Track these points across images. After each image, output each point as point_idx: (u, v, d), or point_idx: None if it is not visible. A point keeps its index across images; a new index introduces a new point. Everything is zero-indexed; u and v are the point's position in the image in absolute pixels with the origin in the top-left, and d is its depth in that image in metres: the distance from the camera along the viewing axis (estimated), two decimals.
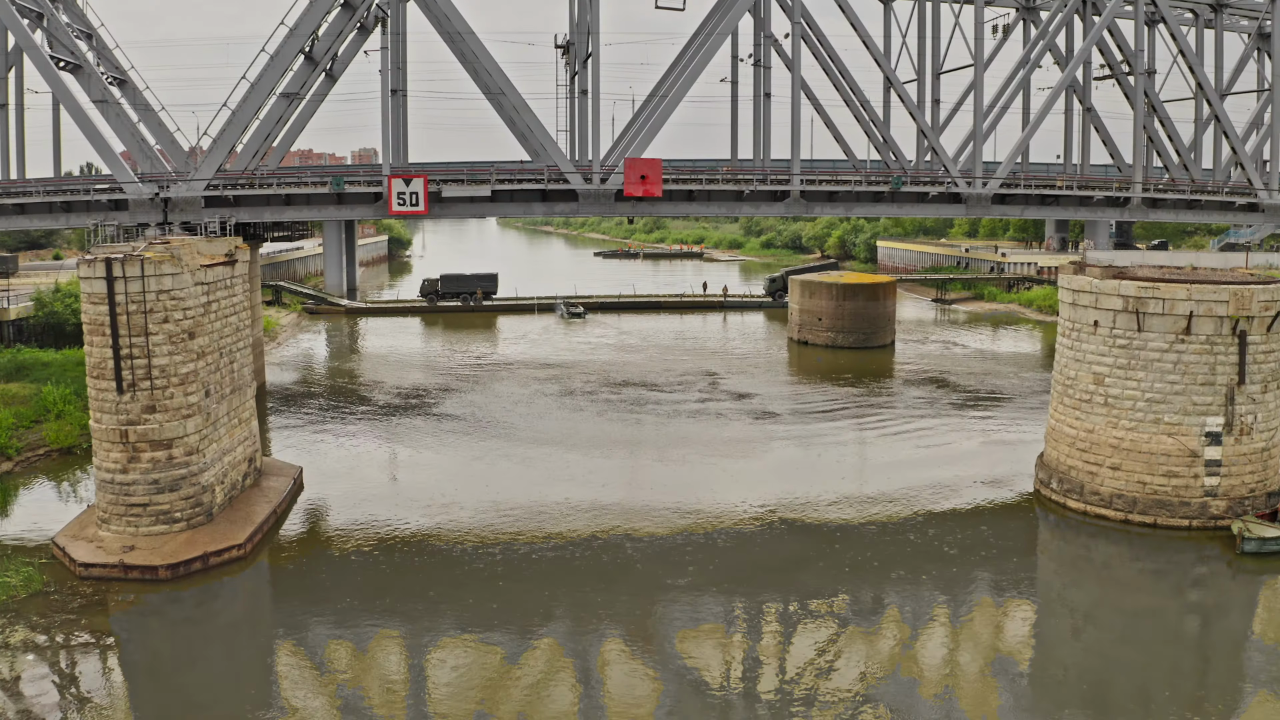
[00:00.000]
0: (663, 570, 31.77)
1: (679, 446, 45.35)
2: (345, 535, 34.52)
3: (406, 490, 39.57)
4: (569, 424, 49.64)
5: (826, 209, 50.61)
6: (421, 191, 45.79)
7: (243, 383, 36.43)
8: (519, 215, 47.87)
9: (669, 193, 48.49)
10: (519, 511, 36.68)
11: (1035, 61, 60.99)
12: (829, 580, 31.42)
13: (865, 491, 39.37)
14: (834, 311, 72.21)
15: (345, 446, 46.08)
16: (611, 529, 35.00)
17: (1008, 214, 54.00)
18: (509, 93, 48.18)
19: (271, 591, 31.00)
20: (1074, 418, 36.71)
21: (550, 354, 70.74)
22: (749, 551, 33.37)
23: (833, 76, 56.11)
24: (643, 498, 38.25)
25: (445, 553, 32.93)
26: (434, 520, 35.68)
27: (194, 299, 32.15)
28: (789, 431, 48.56)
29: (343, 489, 39.44)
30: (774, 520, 36.12)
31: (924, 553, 33.63)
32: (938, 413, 52.58)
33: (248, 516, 33.64)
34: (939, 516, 36.84)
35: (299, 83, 52.58)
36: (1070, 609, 30.11)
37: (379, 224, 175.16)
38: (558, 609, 29.14)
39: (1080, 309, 36.41)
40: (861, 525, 35.81)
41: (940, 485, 40.15)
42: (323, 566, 31.83)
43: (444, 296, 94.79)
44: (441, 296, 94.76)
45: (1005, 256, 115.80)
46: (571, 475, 41.12)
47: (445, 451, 45.24)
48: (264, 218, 48.63)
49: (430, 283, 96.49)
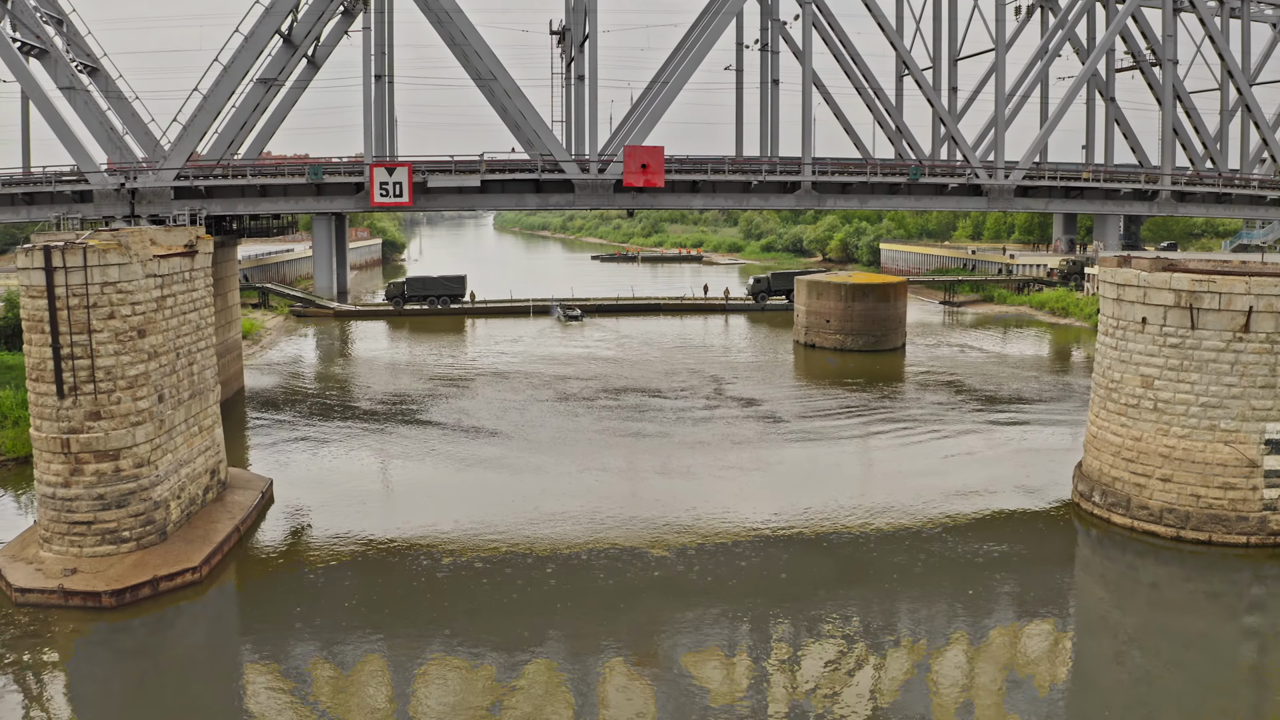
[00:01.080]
0: (665, 588, 28.54)
1: (683, 456, 42.04)
2: (318, 553, 31.19)
3: (388, 503, 36.24)
4: (565, 432, 46.33)
5: (840, 201, 47.40)
6: (405, 182, 42.55)
7: (204, 386, 33.10)
8: (511, 208, 44.65)
9: (671, 184, 45.28)
10: (510, 526, 33.38)
11: (1055, 51, 57.93)
12: (845, 598, 28.22)
13: (883, 502, 36.08)
14: (843, 313, 68.93)
15: (323, 456, 42.74)
16: (610, 544, 31.71)
17: (1031, 207, 50.84)
18: (500, 76, 44.97)
19: (233, 618, 27.66)
20: (1119, 424, 33.44)
21: (546, 358, 67.44)
22: (759, 567, 30.07)
23: (843, 63, 52.92)
24: (644, 511, 34.94)
25: (429, 571, 29.62)
26: (417, 536, 32.38)
27: (145, 293, 28.83)
28: (801, 440, 45.27)
29: (317, 502, 36.10)
30: (786, 534, 32.82)
31: (949, 569, 30.49)
32: (957, 419, 49.31)
33: (206, 535, 30.28)
34: (965, 530, 33.59)
35: (277, 68, 49.24)
36: (1113, 632, 27.06)
37: (373, 227, 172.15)
38: (552, 628, 26.40)
39: (1126, 305, 33.17)
40: (879, 538, 32.52)
41: (966, 497, 36.91)
42: (290, 589, 28.50)
43: (410, 300, 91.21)
44: (408, 300, 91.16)
45: (1013, 258, 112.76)
46: (567, 487, 37.82)
47: (431, 462, 41.91)
48: (237, 210, 45.37)
49: (396, 286, 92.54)
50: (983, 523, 34.53)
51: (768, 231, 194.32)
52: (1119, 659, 25.22)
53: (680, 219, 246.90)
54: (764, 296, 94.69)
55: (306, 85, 52.82)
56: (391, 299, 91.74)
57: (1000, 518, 35.11)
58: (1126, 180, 53.90)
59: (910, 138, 51.55)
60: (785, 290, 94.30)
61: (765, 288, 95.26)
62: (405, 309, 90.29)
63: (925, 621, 27.40)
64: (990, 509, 35.83)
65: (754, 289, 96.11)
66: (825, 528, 33.66)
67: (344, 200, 44.56)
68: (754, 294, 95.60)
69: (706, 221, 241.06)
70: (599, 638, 26.15)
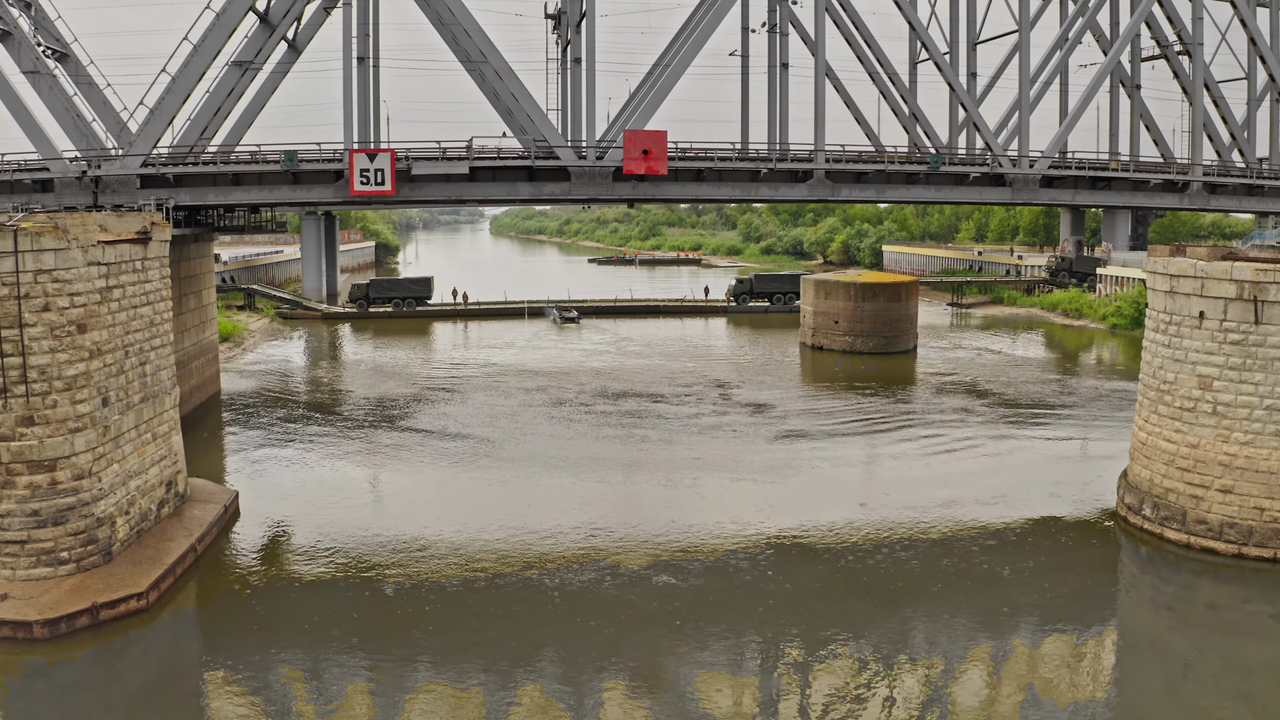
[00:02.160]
0: (670, 605, 25.35)
1: (688, 466, 38.78)
2: (286, 573, 27.93)
3: (367, 517, 32.92)
4: (560, 440, 43.07)
5: (855, 191, 44.24)
6: (388, 169, 39.35)
7: (159, 389, 29.82)
8: (502, 197, 41.52)
9: (675, 172, 42.11)
10: (500, 542, 30.12)
11: (1076, 39, 54.89)
12: (866, 617, 25.07)
13: (906, 513, 32.82)
14: (852, 314, 65.76)
15: (298, 465, 39.44)
16: (610, 560, 28.46)
17: (1057, 199, 47.75)
18: (491, 57, 41.80)
19: (186, 649, 24.30)
20: (1172, 430, 30.25)
21: (540, 361, 64.20)
22: (772, 582, 26.83)
23: (855, 47, 49.86)
24: (647, 525, 31.70)
25: (412, 590, 26.36)
26: (399, 552, 29.11)
27: (86, 282, 25.58)
28: (816, 447, 42.05)
29: (289, 516, 32.82)
30: (802, 547, 29.58)
31: (979, 585, 27.44)
32: (980, 424, 46.12)
33: (158, 555, 26.99)
34: (996, 543, 30.43)
35: (254, 50, 46.02)
36: (1165, 659, 24.00)
37: (366, 229, 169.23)
38: (547, 650, 23.59)
39: (1180, 298, 30.02)
40: (902, 551, 29.28)
41: (995, 507, 33.74)
42: (254, 614, 25.21)
43: (375, 302, 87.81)
44: (372, 302, 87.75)
45: (1021, 260, 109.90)
46: (562, 500, 34.57)
47: (414, 472, 38.62)
48: (208, 200, 42.13)
49: (360, 288, 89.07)
50: (1015, 535, 31.35)
51: (767, 234, 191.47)
52: (1172, 689, 22.34)
53: (678, 222, 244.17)
54: (745, 299, 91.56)
55: (287, 71, 49.63)
56: (355, 301, 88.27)
57: (1035, 530, 31.93)
58: (1158, 170, 50.86)
59: (927, 125, 48.40)
60: (769, 293, 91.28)
61: (747, 290, 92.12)
62: (370, 311, 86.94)
63: (952, 642, 24.36)
64: (1023, 521, 32.65)
65: (735, 291, 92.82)
66: (844, 540, 30.42)
67: (322, 189, 41.34)
68: (735, 296, 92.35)
69: (705, 225, 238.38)
70: (598, 659, 23.28)
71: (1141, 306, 79.96)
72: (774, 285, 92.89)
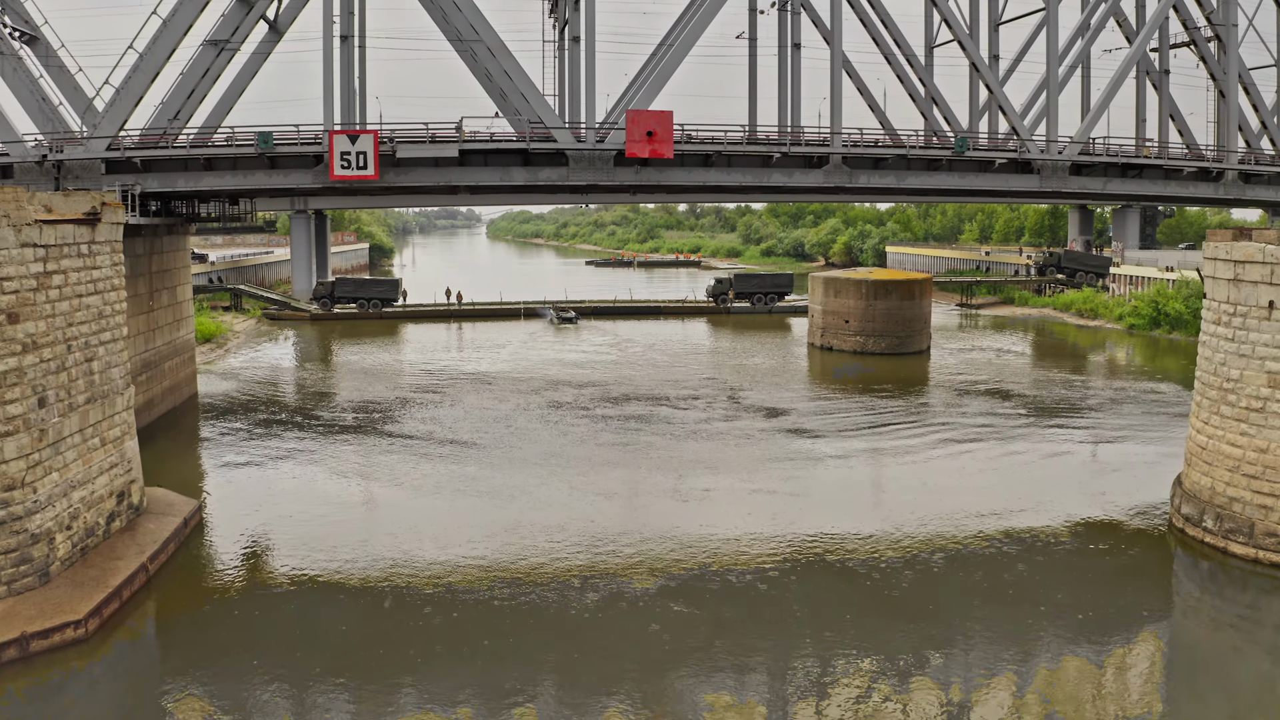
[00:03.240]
0: (675, 628, 22.29)
1: (699, 474, 35.67)
2: (251, 594, 24.83)
3: (345, 531, 29.73)
4: (557, 447, 39.99)
5: (874, 178, 41.20)
6: (371, 152, 36.32)
7: (109, 389, 26.73)
8: (494, 183, 38.43)
9: (682, 156, 39.08)
10: (490, 558, 27.05)
11: (1099, 26, 51.93)
12: (889, 636, 22.03)
13: (935, 524, 29.79)
14: (863, 312, 62.74)
15: (275, 473, 36.33)
16: (613, 577, 25.39)
17: (1087, 188, 44.76)
18: (484, 33, 38.72)
19: (130, 686, 21.21)
20: (1238, 432, 27.23)
21: (536, 364, 61.11)
22: (792, 600, 23.76)
23: (870, 28, 46.84)
24: (652, 539, 28.61)
25: (394, 612, 23.30)
26: (379, 571, 26.02)
27: (19, 266, 22.49)
28: (835, 453, 39.01)
29: (259, 530, 29.72)
30: (825, 563, 26.52)
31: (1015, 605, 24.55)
32: (1008, 428, 43.12)
33: (103, 576, 23.88)
34: (1033, 558, 27.48)
35: (230, 28, 42.97)
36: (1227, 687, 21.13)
37: (360, 231, 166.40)
38: (544, 674, 20.97)
39: (1246, 286, 27.00)
40: (932, 566, 26.25)
41: (1031, 517, 30.70)
42: (211, 643, 22.05)
43: (339, 301, 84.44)
44: (336, 301, 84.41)
45: (1030, 260, 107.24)
46: (559, 513, 31.47)
47: (398, 482, 35.50)
48: (177, 186, 39.05)
49: (325, 285, 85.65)
50: (1053, 548, 28.33)
51: (767, 236, 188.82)
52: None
53: (676, 225, 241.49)
54: (725, 299, 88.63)
55: (269, 54, 46.55)
56: (319, 299, 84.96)
57: (1075, 542, 28.93)
58: (1191, 158, 47.91)
59: (946, 108, 45.37)
60: (749, 293, 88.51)
61: (726, 289, 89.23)
62: (334, 311, 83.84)
63: (985, 664, 21.55)
64: (1062, 531, 29.62)
65: (714, 291, 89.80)
66: (869, 553, 27.35)
67: (300, 175, 38.26)
68: (714, 296, 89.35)
69: (703, 227, 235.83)
70: (599, 682, 20.56)
71: (1160, 306, 77.29)
72: (753, 285, 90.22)
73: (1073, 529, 30.13)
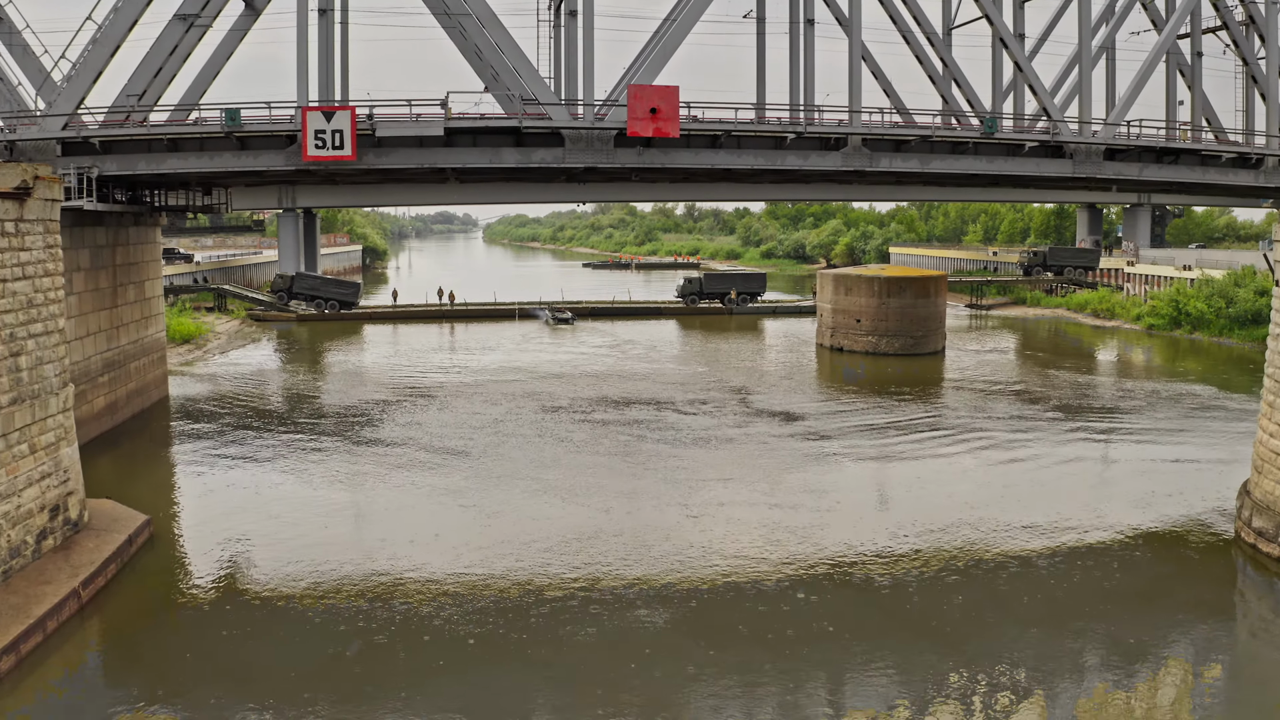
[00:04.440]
0: (684, 653, 19.02)
1: (711, 485, 32.40)
2: (200, 624, 21.55)
3: (316, 548, 26.41)
4: (552, 456, 36.73)
5: (896, 161, 38.04)
6: (348, 130, 33.07)
7: (42, 389, 23.44)
8: (483, 164, 35.21)
9: (688, 137, 35.89)
10: (476, 583, 23.80)
11: (1125, 11, 48.87)
12: (917, 664, 18.71)
13: (975, 534, 26.57)
14: (876, 311, 59.59)
15: (243, 484, 33.02)
16: (613, 606, 22.14)
17: (1122, 173, 41.60)
18: (473, 4, 35.54)
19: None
20: None
21: (531, 365, 57.84)
22: (822, 620, 20.55)
23: (887, 4, 43.69)
24: (658, 561, 25.39)
25: (369, 633, 20.01)
26: (353, 594, 22.76)
27: None
28: (859, 462, 35.81)
29: (217, 547, 26.42)
30: (852, 584, 23.31)
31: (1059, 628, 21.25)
32: (1042, 432, 39.97)
33: (25, 604, 20.59)
34: (1082, 575, 24.32)
35: (200, 2, 39.81)
36: None
37: (353, 233, 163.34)
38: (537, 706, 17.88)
39: None
40: (968, 586, 23.03)
41: (1077, 530, 27.51)
42: (146, 683, 18.78)
43: (296, 297, 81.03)
44: (294, 297, 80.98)
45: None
46: (553, 530, 28.22)
47: (378, 494, 32.22)
48: (138, 169, 35.77)
49: (283, 279, 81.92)
50: (1102, 565, 25.16)
51: (767, 238, 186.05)
52: None
53: (674, 227, 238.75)
54: (695, 299, 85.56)
55: (245, 32, 43.34)
56: (276, 293, 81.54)
57: (1128, 558, 25.80)
58: (1227, 143, 44.83)
59: (969, 90, 42.11)
60: (720, 293, 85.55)
61: (697, 290, 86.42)
62: (289, 307, 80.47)
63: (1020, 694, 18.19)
64: (1111, 547, 26.45)
65: (684, 291, 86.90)
66: (902, 572, 24.13)
67: (272, 156, 35.00)
68: (684, 296, 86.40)
69: (702, 229, 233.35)
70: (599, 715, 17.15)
71: (1181, 306, 74.29)
72: (724, 285, 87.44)
73: (1123, 543, 26.98)
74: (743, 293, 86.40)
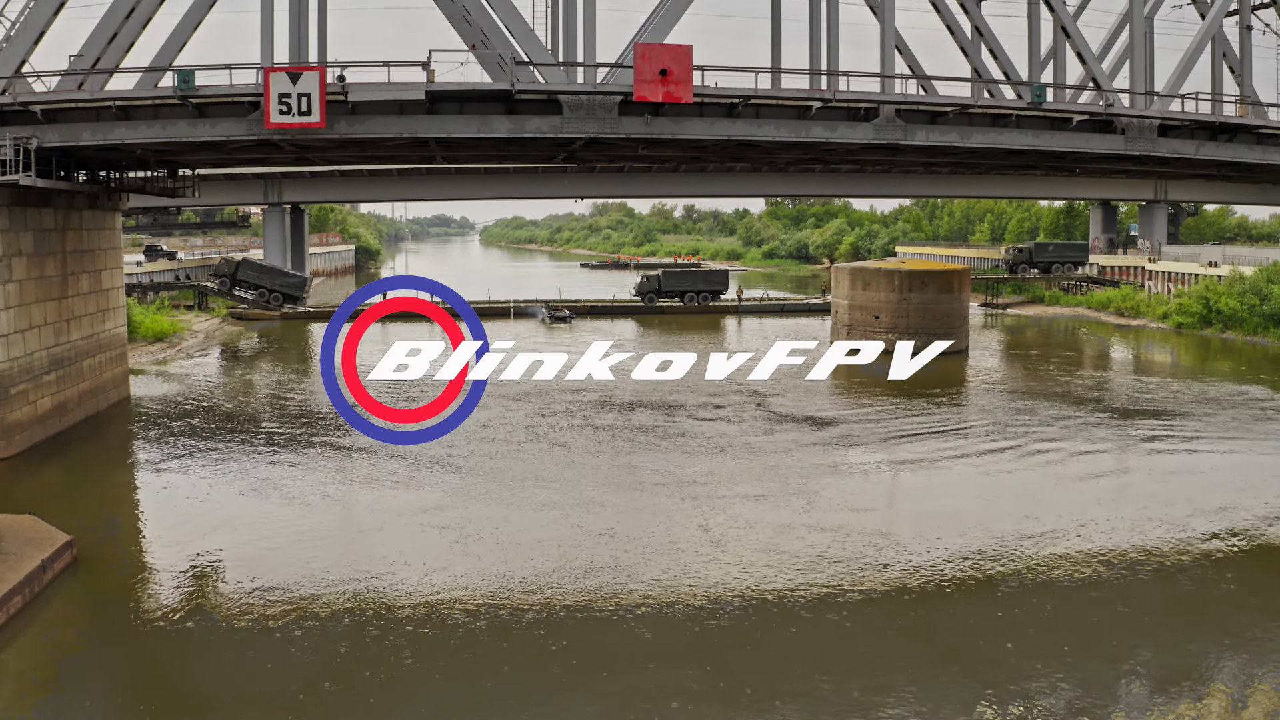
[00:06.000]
0: (692, 683, 15.09)
1: (733, 502, 28.30)
2: (120, 663, 17.51)
3: (269, 574, 22.29)
4: (548, 466, 32.55)
5: (934, 134, 34.14)
6: (316, 93, 29.08)
7: None
8: (470, 133, 31.22)
9: (701, 105, 31.98)
10: (455, 621, 19.77)
11: None
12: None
13: (1030, 554, 22.57)
14: (896, 307, 55.59)
15: (199, 496, 28.89)
16: (625, 664, 18.13)
17: (1177, 151, 37.75)
18: None
19: None
20: None
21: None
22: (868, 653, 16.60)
23: None
24: (673, 593, 21.39)
25: (319, 666, 16.04)
26: (309, 624, 18.73)
27: None
28: (906, 471, 31.80)
29: (157, 572, 22.42)
30: (923, 632, 19.34)
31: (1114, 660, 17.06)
32: (1093, 435, 36.09)
33: None
34: (1142, 597, 20.26)
35: None
36: None
37: (345, 232, 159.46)
38: None
39: None
40: (1025, 612, 19.03)
41: (1139, 543, 23.52)
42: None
43: (239, 285, 76.60)
44: (237, 284, 76.51)
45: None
46: (545, 557, 24.18)
47: (347, 512, 28.15)
48: (82, 139, 31.80)
49: (228, 264, 77.56)
50: (1168, 585, 21.16)
51: (768, 238, 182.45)
52: None
53: (673, 229, 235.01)
54: (653, 298, 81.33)
55: (210, 4, 39.44)
56: (219, 278, 77.19)
57: (1198, 576, 21.83)
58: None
59: (1006, 60, 38.09)
60: (680, 291, 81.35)
61: (656, 288, 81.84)
62: (234, 293, 76.34)
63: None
64: (1181, 563, 22.47)
65: (642, 289, 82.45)
66: (980, 605, 20.14)
67: (231, 124, 30.99)
68: (642, 295, 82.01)
69: (701, 230, 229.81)
70: None
71: (1211, 303, 70.42)
72: (685, 283, 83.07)
73: (1195, 559, 23.02)
74: (703, 291, 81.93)
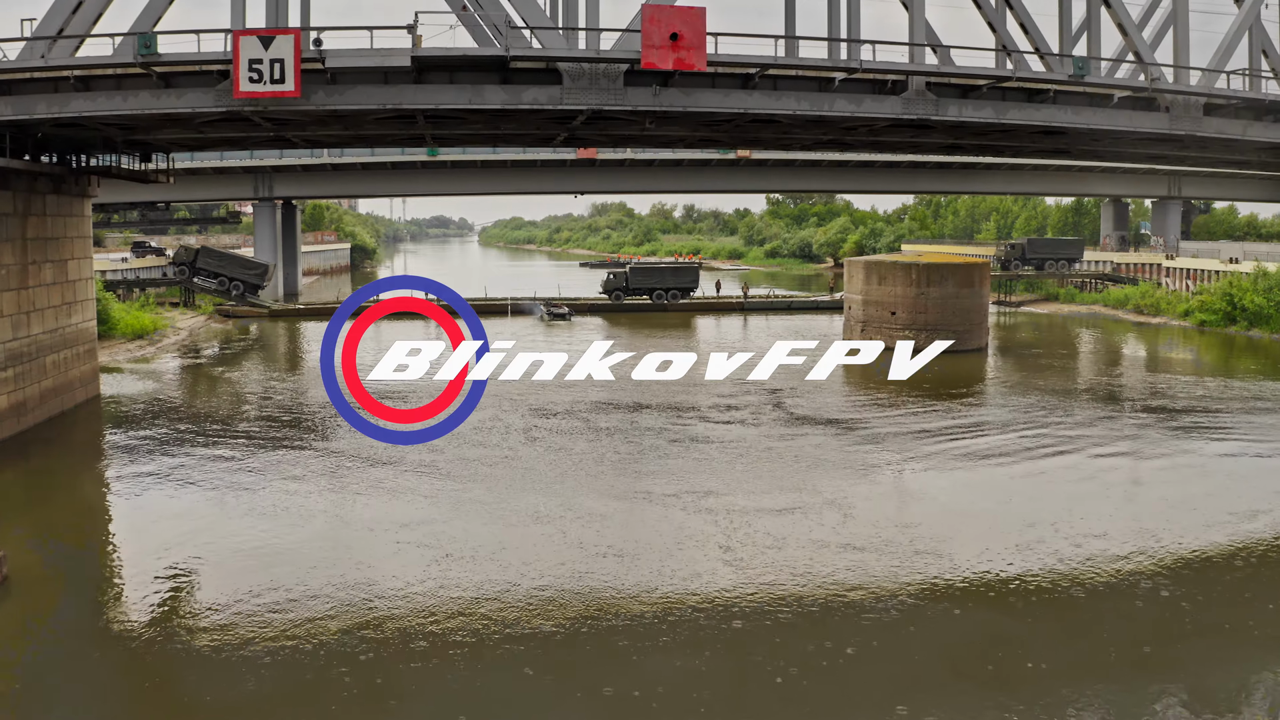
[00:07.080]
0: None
1: (756, 516, 25.47)
2: (39, 700, 14.77)
3: (227, 595, 19.47)
4: (548, 473, 29.68)
5: (966, 109, 31.30)
6: (290, 59, 26.25)
7: None
8: (462, 105, 28.43)
9: (715, 76, 29.19)
10: (443, 650, 16.98)
11: None
12: None
13: (1080, 565, 19.80)
14: (913, 302, 52.81)
15: (161, 504, 26.05)
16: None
17: (1224, 131, 34.98)
18: None
19: None
20: None
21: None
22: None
23: None
24: (690, 627, 18.60)
25: (287, 694, 13.27)
26: (275, 650, 15.95)
27: None
28: (942, 476, 29.04)
29: (102, 587, 19.69)
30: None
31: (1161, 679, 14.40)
32: (1135, 433, 33.42)
33: None
34: (1199, 614, 17.55)
35: None
36: None
37: (340, 230, 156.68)
38: None
39: None
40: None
41: (1195, 553, 20.75)
42: None
43: (199, 274, 73.36)
44: (197, 272, 73.25)
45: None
46: (553, 564, 21.38)
47: (327, 523, 25.35)
48: (36, 112, 28.94)
49: (188, 251, 74.50)
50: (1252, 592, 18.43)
51: (771, 237, 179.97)
52: None
53: (673, 228, 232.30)
54: (620, 295, 78.11)
55: None
56: (179, 266, 74.07)
57: (1260, 587, 19.14)
58: None
59: (1038, 35, 35.14)
60: (648, 288, 77.86)
61: (623, 284, 78.41)
62: (194, 283, 73.42)
63: None
64: (1244, 572, 19.75)
65: (609, 286, 79.05)
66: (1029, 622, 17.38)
67: (198, 95, 28.13)
68: (609, 292, 78.74)
69: (701, 230, 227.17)
70: None
71: (1235, 300, 67.77)
72: (654, 280, 79.24)
73: (1257, 569, 20.29)
74: (672, 288, 78.60)
